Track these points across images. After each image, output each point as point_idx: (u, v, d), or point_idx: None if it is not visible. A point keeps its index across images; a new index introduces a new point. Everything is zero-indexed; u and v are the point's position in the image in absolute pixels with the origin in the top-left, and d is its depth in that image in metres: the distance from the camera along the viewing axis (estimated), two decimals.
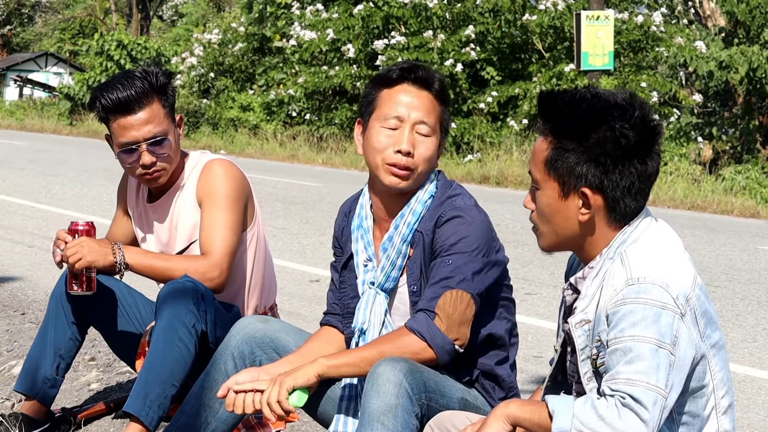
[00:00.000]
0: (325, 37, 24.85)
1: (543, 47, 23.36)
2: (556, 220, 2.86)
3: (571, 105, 2.79)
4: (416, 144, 3.39)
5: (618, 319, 2.65)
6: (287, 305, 7.18)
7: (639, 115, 2.76)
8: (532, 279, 8.89)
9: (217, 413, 3.61)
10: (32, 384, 4.32)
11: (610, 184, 2.76)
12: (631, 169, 2.75)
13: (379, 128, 3.42)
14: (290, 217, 12.65)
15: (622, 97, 2.78)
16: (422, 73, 3.44)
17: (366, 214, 3.56)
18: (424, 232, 3.40)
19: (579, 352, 2.81)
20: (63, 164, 19.47)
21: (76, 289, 4.11)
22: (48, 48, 60.50)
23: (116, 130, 4.21)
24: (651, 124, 2.78)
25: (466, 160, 21.65)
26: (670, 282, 2.66)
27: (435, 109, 3.44)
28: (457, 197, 3.44)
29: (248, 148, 26.05)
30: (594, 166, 2.75)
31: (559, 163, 2.79)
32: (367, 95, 3.49)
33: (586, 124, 2.75)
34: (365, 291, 3.50)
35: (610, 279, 2.74)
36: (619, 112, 2.74)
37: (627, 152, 2.74)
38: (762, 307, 8.06)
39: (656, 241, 2.77)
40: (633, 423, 2.53)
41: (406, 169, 3.39)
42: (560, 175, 2.80)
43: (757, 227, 14.09)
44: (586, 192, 2.77)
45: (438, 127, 3.45)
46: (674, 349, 2.61)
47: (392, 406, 3.04)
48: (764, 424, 5.23)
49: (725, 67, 20.22)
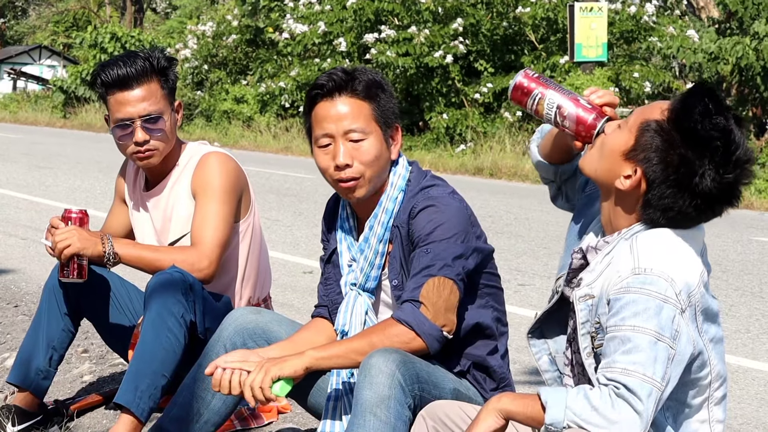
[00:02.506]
0: (317, 30, 24.81)
1: (536, 39, 23.35)
2: (604, 164, 2.83)
3: (700, 113, 2.70)
4: (353, 152, 3.38)
5: (620, 306, 2.64)
6: (280, 297, 7.18)
7: (734, 178, 2.71)
8: (525, 270, 8.90)
9: (210, 404, 3.61)
10: (25, 376, 4.31)
11: (656, 189, 2.74)
12: (679, 201, 2.72)
13: (317, 150, 3.44)
14: (283, 208, 12.64)
15: (741, 154, 2.70)
16: (335, 80, 3.40)
17: (347, 214, 3.58)
18: (399, 226, 3.40)
19: (580, 326, 2.81)
20: (57, 157, 19.44)
21: (67, 277, 4.10)
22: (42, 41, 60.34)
23: (113, 105, 4.23)
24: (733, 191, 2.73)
25: (458, 150, 21.64)
26: (675, 276, 2.66)
27: (362, 110, 3.41)
28: (431, 188, 3.43)
29: (242, 140, 26.01)
30: (663, 166, 2.72)
31: (648, 134, 2.75)
32: (305, 124, 3.51)
33: (691, 138, 2.69)
34: (347, 292, 3.52)
35: (617, 262, 2.74)
36: (724, 159, 2.68)
37: (689, 188, 2.70)
38: (755, 298, 8.08)
39: (669, 233, 2.77)
40: (626, 414, 2.53)
41: (352, 180, 3.39)
42: (641, 141, 2.75)
43: (750, 218, 14.10)
44: (638, 172, 2.75)
45: (372, 125, 3.42)
46: (674, 343, 2.60)
47: (385, 397, 3.04)
48: (757, 414, 5.24)
49: (715, 58, 20.21)
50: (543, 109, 3.00)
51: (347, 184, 3.40)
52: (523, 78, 3.03)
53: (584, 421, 2.55)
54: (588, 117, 2.94)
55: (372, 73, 3.48)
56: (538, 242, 10.54)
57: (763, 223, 13.56)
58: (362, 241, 3.48)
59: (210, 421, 3.63)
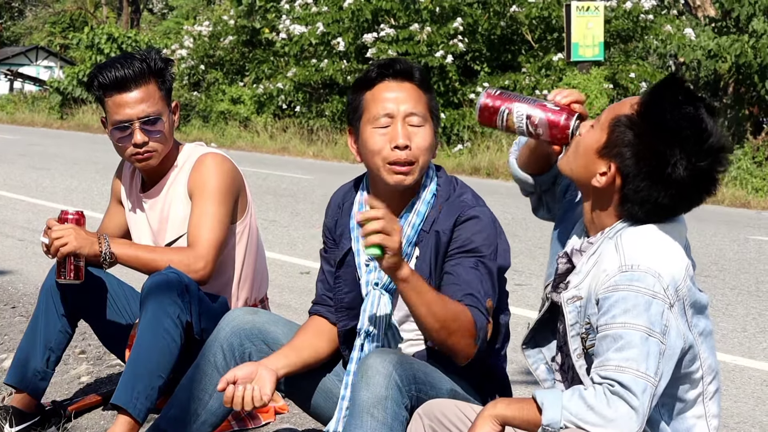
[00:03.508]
0: (315, 31, 24.80)
1: (532, 38, 23.35)
2: (579, 163, 2.86)
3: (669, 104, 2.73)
4: (411, 136, 3.35)
5: (609, 305, 2.65)
6: (277, 297, 7.18)
7: (707, 166, 2.71)
8: (522, 270, 8.90)
9: (207, 405, 3.61)
10: (22, 377, 4.31)
11: (631, 183, 2.75)
12: (654, 192, 2.73)
13: (371, 130, 3.38)
14: (281, 209, 12.64)
15: (714, 142, 2.71)
16: (400, 66, 3.40)
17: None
18: (441, 231, 3.36)
19: (569, 328, 2.82)
20: (53, 158, 19.43)
21: (64, 278, 4.10)
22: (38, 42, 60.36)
23: (111, 107, 4.23)
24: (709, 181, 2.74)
25: (456, 150, 21.65)
26: (662, 271, 2.67)
27: (421, 98, 3.40)
28: (465, 194, 3.44)
29: (239, 140, 26.01)
30: (635, 159, 2.73)
31: (619, 129, 2.76)
32: (352, 102, 3.46)
33: (660, 130, 2.71)
34: (369, 292, 3.45)
35: (602, 261, 2.75)
36: (696, 148, 2.69)
37: (663, 180, 2.72)
38: (752, 297, 8.08)
39: (652, 229, 2.78)
40: (623, 411, 2.54)
41: (408, 164, 3.35)
42: (613, 137, 2.77)
43: (747, 217, 14.11)
44: (612, 168, 2.77)
45: (429, 115, 3.41)
46: (664, 338, 2.62)
47: (382, 397, 3.04)
48: (754, 413, 5.24)
49: (713, 56, 20.21)
50: (513, 123, 3.00)
51: (403, 168, 3.35)
52: (486, 98, 3.03)
53: (581, 420, 2.55)
54: (559, 119, 2.95)
55: (422, 67, 3.49)
56: (534, 242, 10.54)
57: (760, 221, 13.57)
58: None
59: (207, 422, 3.63)
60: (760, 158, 19.13)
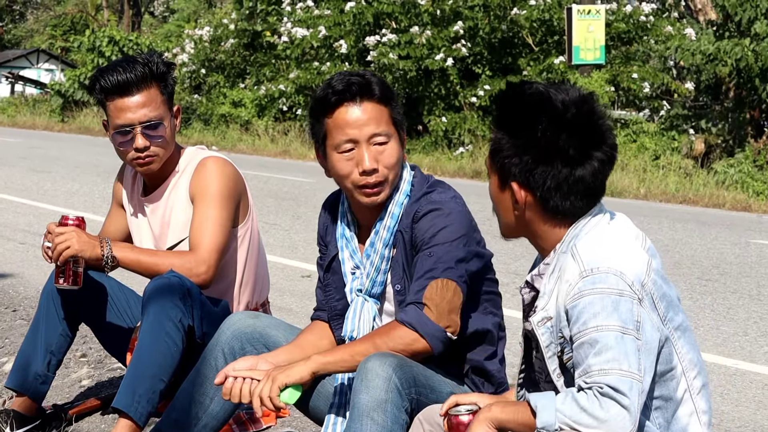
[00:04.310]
0: (317, 34, 24.81)
1: (533, 41, 23.35)
2: (500, 210, 2.91)
3: (510, 99, 2.81)
4: (378, 156, 3.37)
5: (578, 312, 2.66)
6: (278, 301, 7.18)
7: (574, 119, 2.74)
8: (522, 273, 8.89)
9: (208, 409, 3.61)
10: (23, 380, 4.32)
11: (535, 182, 2.77)
12: (554, 171, 2.74)
13: (337, 156, 3.39)
14: (282, 212, 12.65)
15: (564, 98, 2.75)
16: (356, 87, 3.37)
17: (348, 221, 3.56)
18: (403, 231, 3.39)
19: (545, 350, 2.81)
20: (55, 161, 19.45)
21: (62, 283, 4.10)
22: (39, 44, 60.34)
23: (113, 111, 4.22)
24: (589, 130, 2.75)
25: (457, 154, 21.66)
26: (624, 269, 2.68)
27: (383, 114, 3.39)
28: (433, 192, 3.41)
29: (240, 144, 26.02)
30: (519, 162, 2.77)
31: (495, 154, 2.82)
32: (314, 127, 3.45)
33: (517, 120, 2.77)
34: (353, 299, 3.50)
35: (564, 274, 2.75)
36: (551, 112, 2.73)
37: (548, 154, 2.74)
38: (753, 301, 8.08)
39: (605, 232, 2.79)
40: (615, 411, 2.54)
41: (377, 186, 3.38)
42: (497, 167, 2.83)
43: (748, 221, 14.11)
44: (514, 187, 2.80)
45: (393, 128, 3.40)
46: (639, 333, 2.62)
47: (382, 401, 3.04)
48: (755, 417, 5.24)
49: (713, 59, 20.22)
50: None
51: (373, 190, 3.37)
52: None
53: (575, 422, 2.56)
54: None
55: (379, 77, 3.48)
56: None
57: (761, 225, 13.57)
58: (368, 246, 3.47)
59: (208, 426, 3.64)
60: (761, 162, 19.14)
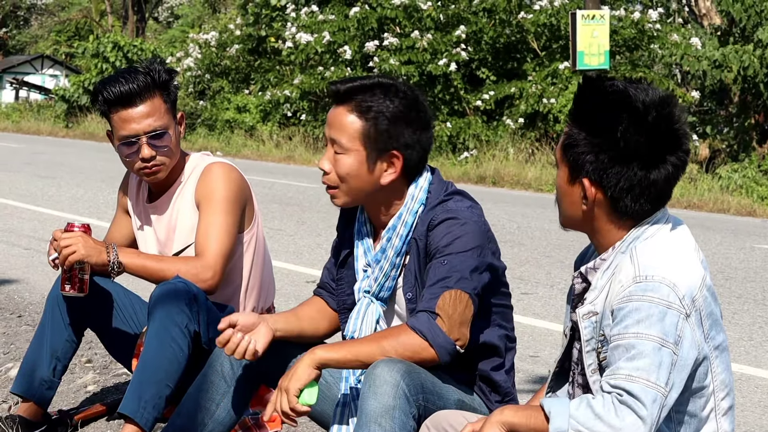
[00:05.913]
0: (321, 39, 24.83)
1: (538, 46, 23.36)
2: (565, 203, 2.86)
3: (590, 95, 2.77)
4: (333, 161, 3.39)
5: (623, 315, 2.64)
6: (283, 306, 7.16)
7: (654, 121, 2.70)
8: (528, 279, 8.90)
9: (214, 415, 3.61)
10: (29, 386, 4.31)
11: (608, 182, 2.74)
12: (629, 173, 2.72)
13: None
14: (287, 218, 12.65)
15: (647, 98, 2.72)
16: (340, 87, 3.39)
17: (365, 219, 3.55)
18: (417, 239, 3.37)
19: (584, 344, 2.80)
20: (59, 166, 19.46)
21: (68, 290, 4.10)
22: (44, 50, 60.43)
23: (117, 123, 4.22)
24: (668, 134, 2.72)
25: (461, 159, 21.66)
26: (678, 282, 2.65)
27: (349, 126, 3.36)
28: (450, 200, 3.38)
29: (244, 149, 26.05)
30: (595, 160, 2.73)
31: (569, 148, 2.78)
32: None
33: (597, 118, 2.73)
34: (360, 299, 3.49)
35: (618, 274, 2.74)
36: (633, 113, 2.70)
37: (626, 155, 2.71)
38: (758, 306, 8.07)
39: (667, 240, 2.76)
40: (630, 420, 2.53)
41: (329, 187, 3.41)
42: (569, 160, 2.79)
43: (753, 226, 14.11)
44: (585, 183, 2.77)
45: (360, 144, 3.36)
46: (677, 348, 2.60)
47: (389, 407, 3.03)
48: (760, 422, 5.24)
49: (719, 66, 20.22)
50: None
51: (330, 190, 3.43)
52: None
53: (588, 429, 2.54)
54: None
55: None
56: (540, 251, 10.54)
57: (766, 230, 13.56)
58: (379, 252, 3.45)
59: (214, 431, 3.63)
60: (765, 166, 19.13)
